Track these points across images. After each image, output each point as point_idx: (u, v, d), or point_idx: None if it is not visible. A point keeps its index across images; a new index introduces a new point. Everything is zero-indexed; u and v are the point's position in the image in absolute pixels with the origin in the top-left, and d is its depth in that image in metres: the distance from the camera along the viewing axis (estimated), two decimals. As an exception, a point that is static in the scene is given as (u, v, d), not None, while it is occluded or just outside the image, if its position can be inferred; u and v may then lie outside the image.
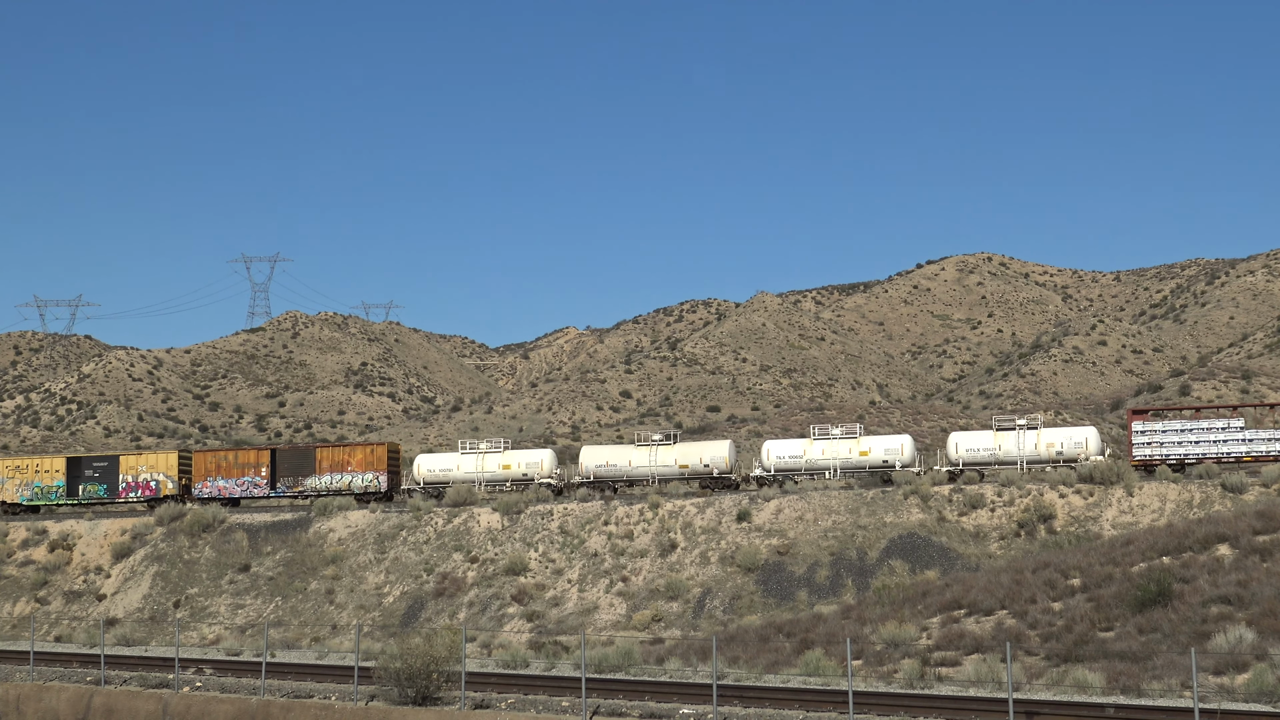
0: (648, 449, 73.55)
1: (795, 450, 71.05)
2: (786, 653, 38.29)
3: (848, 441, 70.32)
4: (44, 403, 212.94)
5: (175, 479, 78.59)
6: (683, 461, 72.59)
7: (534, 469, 74.81)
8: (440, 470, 75.90)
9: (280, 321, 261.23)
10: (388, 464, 76.73)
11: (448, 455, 78.11)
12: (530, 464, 75.09)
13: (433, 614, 59.51)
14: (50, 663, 40.97)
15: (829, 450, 70.02)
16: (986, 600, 39.72)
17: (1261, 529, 40.66)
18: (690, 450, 73.49)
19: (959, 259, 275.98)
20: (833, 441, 70.44)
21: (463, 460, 76.06)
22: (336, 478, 76.85)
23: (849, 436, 70.87)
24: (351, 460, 77.32)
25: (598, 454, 75.07)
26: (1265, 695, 26.23)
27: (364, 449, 78.25)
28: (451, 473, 75.53)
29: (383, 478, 76.06)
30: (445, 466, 76.22)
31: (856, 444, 70.06)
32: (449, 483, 75.07)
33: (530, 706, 30.11)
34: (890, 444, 70.22)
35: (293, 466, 78.12)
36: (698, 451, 73.29)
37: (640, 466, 72.88)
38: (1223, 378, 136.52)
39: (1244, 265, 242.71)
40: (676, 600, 56.50)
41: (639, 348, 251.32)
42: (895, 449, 69.52)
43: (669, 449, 73.27)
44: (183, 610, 64.79)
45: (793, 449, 71.27)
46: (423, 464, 76.74)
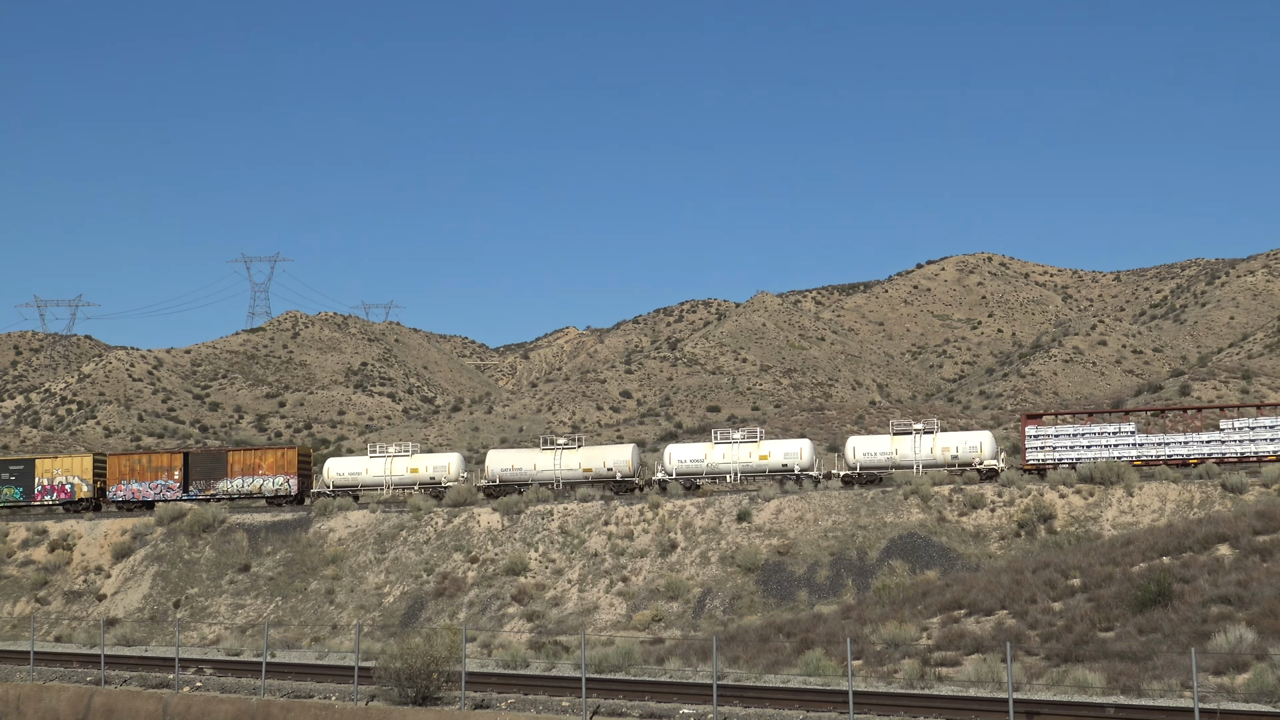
0: (552, 453, 74.93)
1: (697, 454, 72.42)
2: (787, 653, 38.29)
3: (748, 445, 71.60)
4: (44, 403, 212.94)
5: (90, 482, 79.77)
6: (586, 465, 73.94)
7: (440, 472, 76.19)
8: (350, 474, 77.33)
9: (280, 321, 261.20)
10: (298, 468, 78.02)
11: (357, 459, 79.65)
12: (437, 467, 76.44)
13: (433, 614, 59.51)
14: (50, 663, 40.97)
15: (729, 454, 71.27)
16: (986, 600, 39.72)
17: (1261, 529, 40.67)
18: (594, 454, 74.82)
19: (959, 259, 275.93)
20: (733, 445, 71.77)
21: (371, 464, 77.44)
22: (248, 481, 78.35)
23: (749, 440, 72.22)
24: (263, 464, 78.67)
25: (503, 458, 76.33)
26: (1265, 695, 26.22)
27: (274, 453, 79.54)
28: (361, 476, 77.07)
29: (293, 481, 77.42)
30: (355, 470, 77.73)
31: (756, 448, 71.24)
32: (359, 486, 76.86)
33: (530, 706, 30.10)
34: (789, 448, 71.33)
35: (205, 470, 79.65)
36: (601, 455, 74.64)
37: (545, 470, 74.25)
38: (1223, 378, 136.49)
39: (1244, 265, 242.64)
40: (676, 600, 56.49)
41: (639, 348, 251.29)
42: (794, 453, 70.66)
43: (573, 453, 74.65)
44: (183, 610, 64.78)
45: (694, 453, 72.64)
46: (332, 467, 78.22)
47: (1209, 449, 63.73)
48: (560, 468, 73.88)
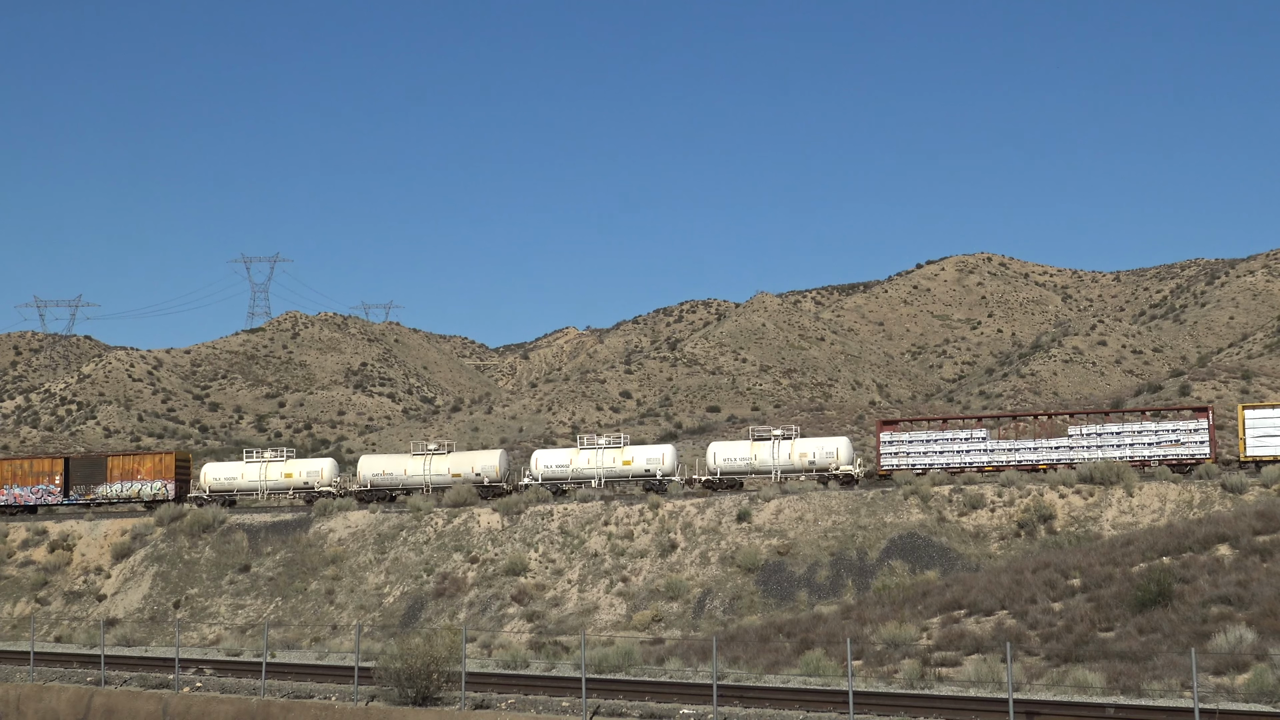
0: (422, 458, 76.28)
1: (563, 460, 73.74)
2: (787, 653, 38.30)
3: (612, 451, 72.90)
4: (44, 403, 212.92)
5: None
6: (455, 470, 75.21)
7: (314, 477, 77.47)
8: (226, 479, 78.47)
9: (280, 322, 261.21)
10: (176, 473, 78.93)
11: (233, 464, 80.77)
12: (311, 473, 77.81)
13: (433, 614, 59.51)
14: (50, 663, 40.97)
15: (594, 460, 72.67)
16: (986, 600, 39.73)
17: (1261, 529, 40.68)
18: (462, 460, 76.09)
19: (959, 259, 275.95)
20: (597, 451, 73.03)
21: (247, 469, 78.54)
22: (127, 485, 79.39)
23: (613, 446, 73.43)
24: (141, 469, 79.70)
25: (375, 463, 77.61)
26: (1265, 695, 26.23)
27: (153, 458, 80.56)
28: (236, 481, 78.24)
29: (170, 486, 78.34)
30: (230, 475, 78.82)
31: (620, 453, 72.67)
32: (234, 491, 77.92)
33: (530, 707, 30.11)
34: (652, 454, 73.08)
35: (85, 475, 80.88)
36: (469, 461, 75.84)
37: (415, 475, 75.66)
38: (1222, 378, 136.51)
39: (1244, 265, 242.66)
40: (676, 600, 56.50)
41: (639, 348, 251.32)
42: (657, 458, 72.31)
43: (443, 458, 76.02)
44: (183, 610, 64.80)
45: (560, 458, 73.94)
46: (209, 472, 79.42)
47: (1057, 455, 65.01)
48: (430, 473, 75.50)
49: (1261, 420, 63.36)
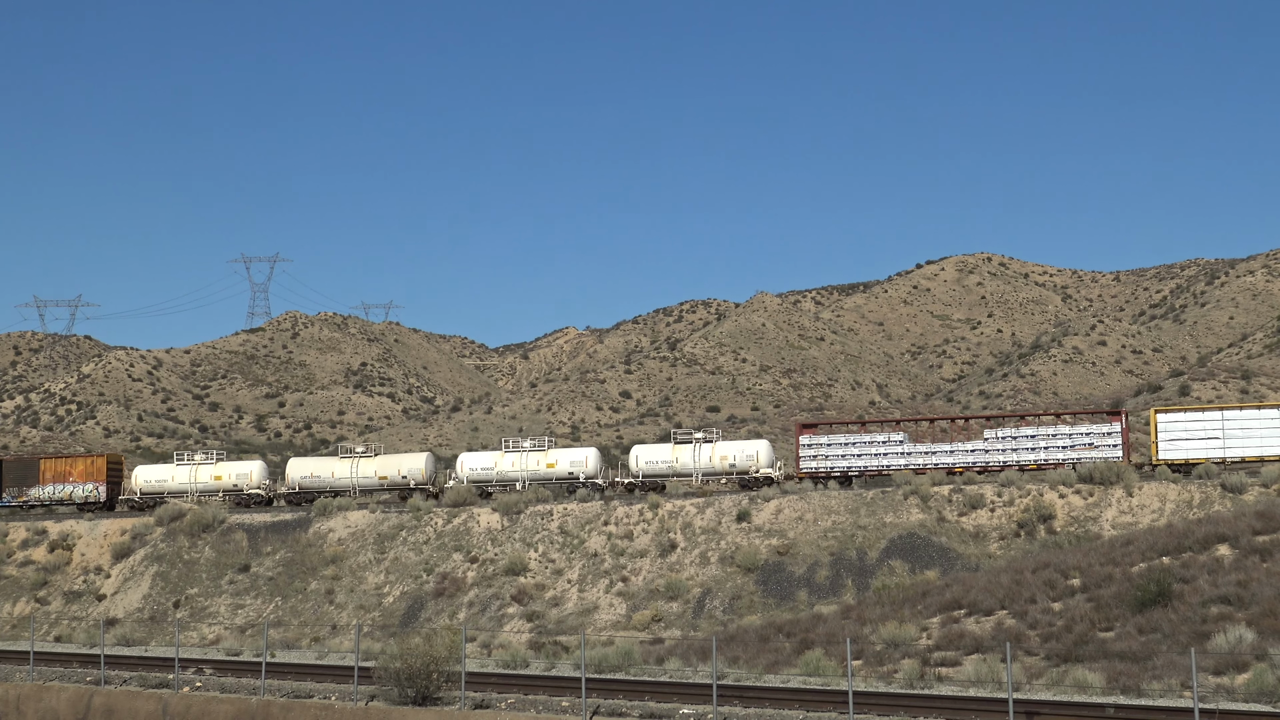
0: (350, 461, 77.47)
1: (488, 462, 74.75)
2: (786, 653, 38.31)
3: (536, 454, 74.08)
4: (44, 403, 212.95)
5: None
6: (382, 473, 76.47)
7: (243, 480, 78.49)
8: (156, 481, 79.15)
9: (280, 322, 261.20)
10: (107, 475, 79.66)
11: (164, 467, 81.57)
12: (240, 475, 78.83)
13: (433, 614, 59.52)
14: (50, 663, 40.98)
15: (518, 462, 73.80)
16: (986, 600, 39.73)
17: (1261, 529, 40.68)
18: (389, 463, 77.32)
19: (959, 259, 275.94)
20: (522, 454, 74.14)
21: (177, 471, 79.31)
22: (59, 488, 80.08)
23: (537, 449, 74.59)
24: (73, 471, 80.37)
25: (303, 466, 78.69)
26: (1265, 695, 26.24)
27: (85, 460, 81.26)
28: (167, 483, 78.92)
29: (102, 488, 79.02)
30: (160, 478, 79.50)
31: (544, 456, 73.84)
32: (165, 494, 78.57)
33: (530, 706, 30.12)
34: (575, 456, 74.18)
35: (18, 477, 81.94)
36: (396, 464, 77.05)
37: (343, 478, 76.83)
38: (1222, 378, 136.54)
39: (1244, 265, 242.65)
40: (676, 600, 56.50)
41: (639, 348, 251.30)
42: (580, 461, 73.50)
43: (370, 461, 77.27)
44: (183, 610, 64.80)
45: (485, 461, 74.98)
46: (139, 475, 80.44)
47: (972, 458, 65.85)
48: (357, 475, 76.65)
49: (1173, 424, 64.23)
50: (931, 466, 66.11)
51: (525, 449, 74.48)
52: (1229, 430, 63.09)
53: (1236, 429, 63.01)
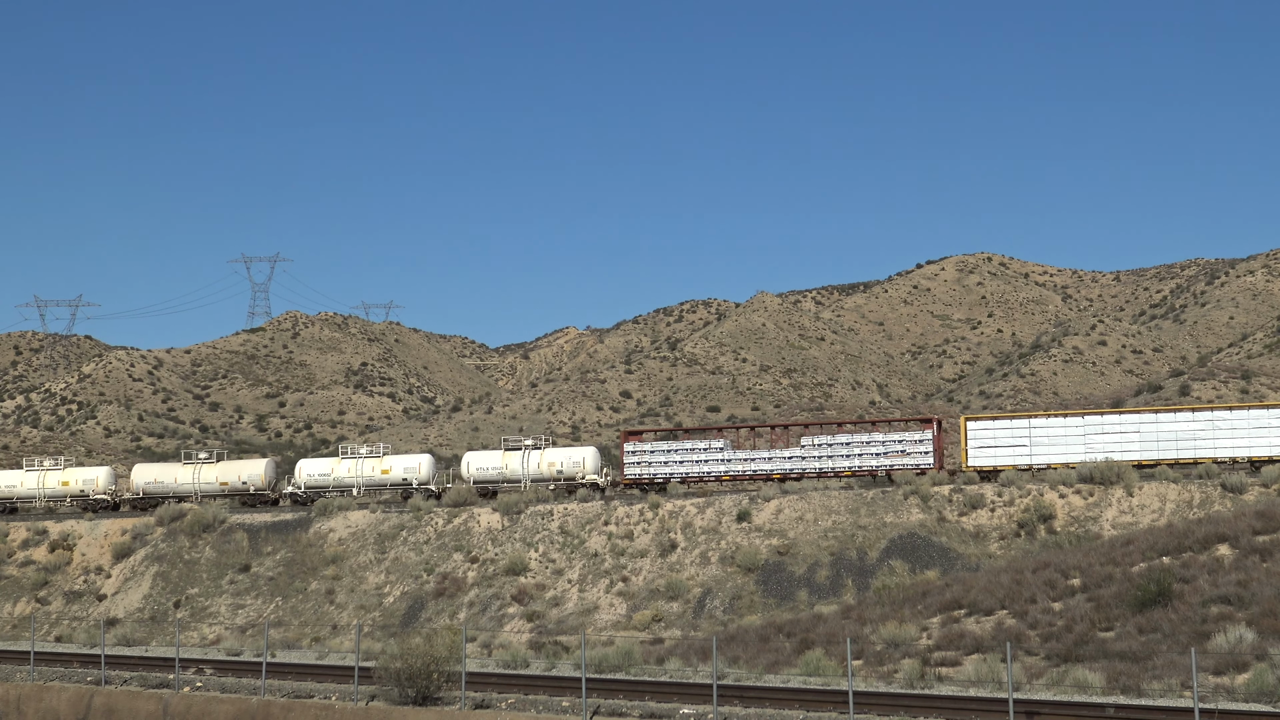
0: (192, 467, 78.48)
1: (325, 469, 76.42)
2: (787, 653, 38.31)
3: (371, 460, 75.64)
4: (44, 403, 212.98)
5: None
6: (223, 479, 77.62)
7: (89, 485, 79.46)
8: (6, 486, 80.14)
9: (280, 321, 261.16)
10: None
11: (13, 472, 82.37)
12: (86, 480, 79.79)
13: (433, 614, 59.52)
14: (51, 663, 40.99)
15: (354, 469, 75.36)
16: (986, 600, 39.73)
17: (1261, 529, 40.69)
18: (230, 469, 78.60)
19: (959, 259, 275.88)
20: (357, 461, 75.67)
21: (25, 477, 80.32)
22: None
23: (372, 456, 76.47)
24: None
25: (147, 471, 79.83)
26: (1265, 695, 26.24)
27: None
28: (16, 489, 79.98)
29: None
30: (10, 483, 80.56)
31: (379, 463, 75.43)
32: (15, 499, 79.58)
33: (530, 706, 30.13)
34: (409, 463, 75.73)
35: None
36: (236, 470, 78.39)
37: (185, 484, 77.87)
38: (1222, 378, 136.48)
39: (1244, 265, 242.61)
40: (676, 600, 56.50)
41: (639, 348, 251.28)
42: (414, 468, 75.09)
43: (211, 467, 78.28)
44: (183, 610, 64.80)
45: (322, 468, 76.63)
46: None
47: (789, 464, 67.53)
48: (199, 481, 77.64)
49: (982, 431, 65.80)
50: (749, 474, 67.75)
51: (361, 455, 76.62)
52: (1036, 438, 64.88)
53: (1043, 437, 64.75)
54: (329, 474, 75.50)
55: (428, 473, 74.75)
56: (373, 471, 74.82)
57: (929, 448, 65.87)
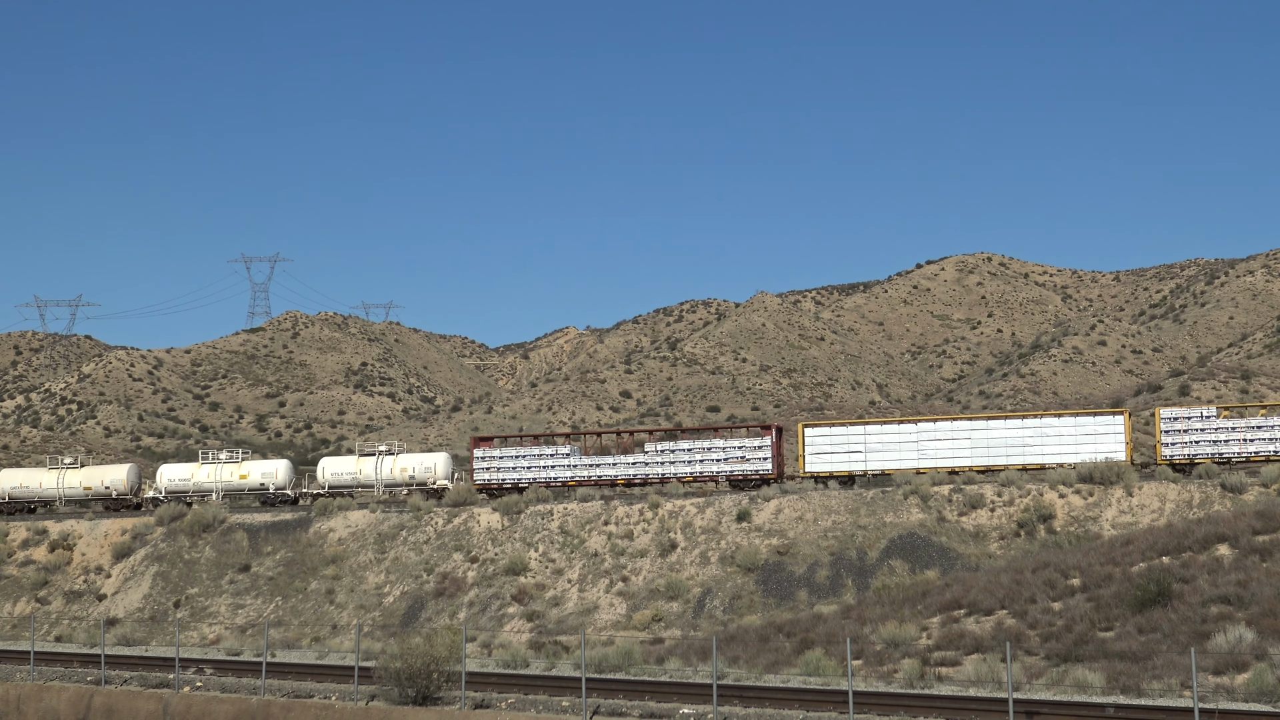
0: (56, 472, 79.54)
1: (185, 474, 77.78)
2: (786, 653, 38.32)
3: (230, 465, 76.94)
4: (44, 403, 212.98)
5: None
6: (87, 484, 78.74)
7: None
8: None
9: (280, 321, 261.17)
10: None
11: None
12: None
13: (433, 614, 59.53)
14: (50, 663, 41.00)
15: (214, 474, 76.64)
16: (986, 600, 39.73)
17: (1261, 529, 40.68)
18: (94, 474, 79.55)
19: (959, 259, 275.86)
20: (218, 465, 76.89)
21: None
22: None
23: (231, 461, 77.63)
24: None
25: (12, 477, 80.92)
26: (1265, 695, 26.25)
27: None
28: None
29: None
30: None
31: (238, 468, 76.78)
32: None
33: (530, 706, 30.13)
34: (267, 468, 77.28)
35: None
36: (99, 475, 79.30)
37: (49, 488, 79.20)
38: (1222, 378, 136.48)
39: (1244, 265, 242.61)
40: (676, 600, 56.51)
41: (639, 348, 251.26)
42: (271, 473, 76.75)
43: (75, 472, 79.46)
44: (183, 610, 64.81)
45: (183, 473, 77.95)
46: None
47: (633, 470, 69.10)
48: (63, 486, 78.77)
49: (819, 438, 67.24)
50: (595, 479, 69.25)
51: (221, 461, 77.64)
52: (870, 444, 66.18)
53: (877, 443, 66.05)
54: (189, 478, 77.45)
55: (285, 478, 76.56)
56: (231, 476, 76.66)
57: (768, 454, 67.60)
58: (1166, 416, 63.14)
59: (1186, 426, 62.58)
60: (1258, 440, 61.80)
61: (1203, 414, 62.91)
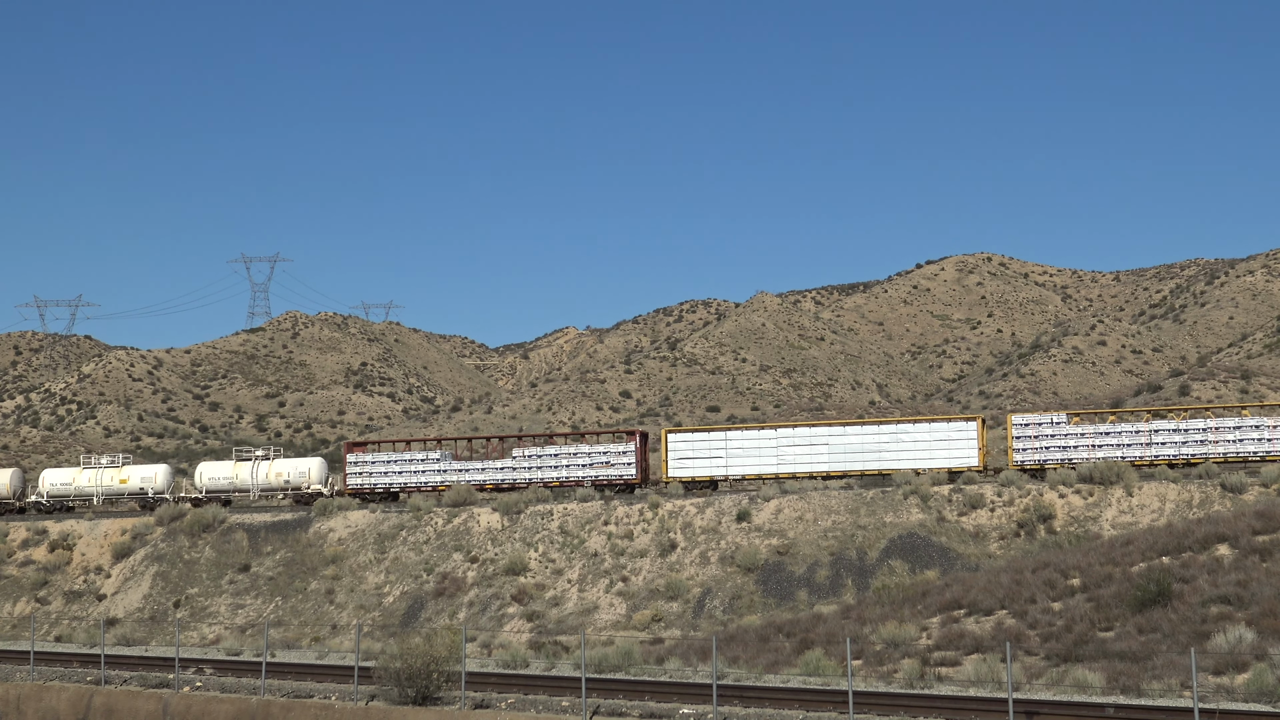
0: None
1: (67, 478, 78.81)
2: (786, 653, 38.32)
3: (111, 470, 77.96)
4: (44, 403, 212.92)
5: None
6: None
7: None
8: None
9: (280, 322, 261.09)
10: None
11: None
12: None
13: (433, 614, 59.52)
14: (50, 663, 40.99)
15: (94, 478, 77.76)
16: (986, 600, 39.73)
17: (1261, 529, 40.68)
18: None
19: (959, 259, 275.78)
20: (98, 470, 77.88)
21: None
22: None
23: (111, 466, 78.62)
24: None
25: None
26: (1265, 695, 26.24)
27: None
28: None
29: None
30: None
31: (119, 473, 77.78)
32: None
33: (530, 706, 30.13)
34: (145, 473, 78.21)
35: None
36: None
37: None
38: (1222, 378, 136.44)
39: (1243, 265, 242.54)
40: (676, 600, 56.49)
41: (639, 348, 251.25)
42: (150, 477, 77.68)
43: None
44: (183, 610, 64.79)
45: (65, 477, 78.96)
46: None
47: (501, 475, 71.29)
48: None
49: (681, 444, 68.61)
50: (465, 484, 70.26)
51: (101, 465, 78.46)
52: (731, 450, 67.49)
53: (738, 449, 67.39)
54: (71, 483, 78.53)
55: (164, 482, 77.51)
56: (112, 480, 77.51)
57: (632, 459, 69.30)
58: (1018, 423, 64.60)
59: (1037, 433, 63.95)
60: (1106, 446, 63.14)
61: (1053, 420, 64.27)
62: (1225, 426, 62.05)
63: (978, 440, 64.43)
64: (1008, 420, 65.70)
